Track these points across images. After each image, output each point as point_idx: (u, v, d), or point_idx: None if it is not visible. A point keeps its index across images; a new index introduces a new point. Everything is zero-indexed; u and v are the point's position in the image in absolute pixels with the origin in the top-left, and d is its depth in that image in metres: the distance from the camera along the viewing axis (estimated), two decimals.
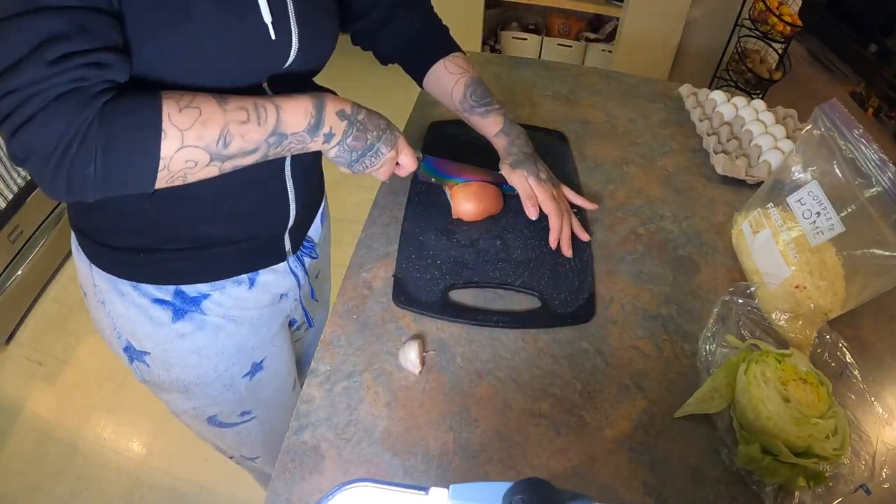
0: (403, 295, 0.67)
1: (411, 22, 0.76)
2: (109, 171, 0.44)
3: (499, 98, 0.78)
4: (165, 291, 0.62)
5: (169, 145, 0.45)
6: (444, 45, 0.79)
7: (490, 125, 0.78)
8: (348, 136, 0.58)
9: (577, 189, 0.84)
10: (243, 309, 0.69)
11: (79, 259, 0.65)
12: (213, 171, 0.50)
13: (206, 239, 0.61)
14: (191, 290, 0.64)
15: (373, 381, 0.60)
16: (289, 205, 0.65)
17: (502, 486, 0.35)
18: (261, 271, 0.68)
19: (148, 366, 0.67)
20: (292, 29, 0.53)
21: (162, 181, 0.47)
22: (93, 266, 0.63)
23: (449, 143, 0.91)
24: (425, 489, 0.37)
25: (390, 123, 0.62)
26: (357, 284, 0.69)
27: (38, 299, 1.69)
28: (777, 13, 2.04)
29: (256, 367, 0.74)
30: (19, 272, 1.57)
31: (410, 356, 0.60)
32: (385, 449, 0.54)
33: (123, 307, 0.63)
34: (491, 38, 2.63)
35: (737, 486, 0.53)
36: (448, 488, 0.36)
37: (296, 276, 0.74)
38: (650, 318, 0.68)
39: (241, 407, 0.76)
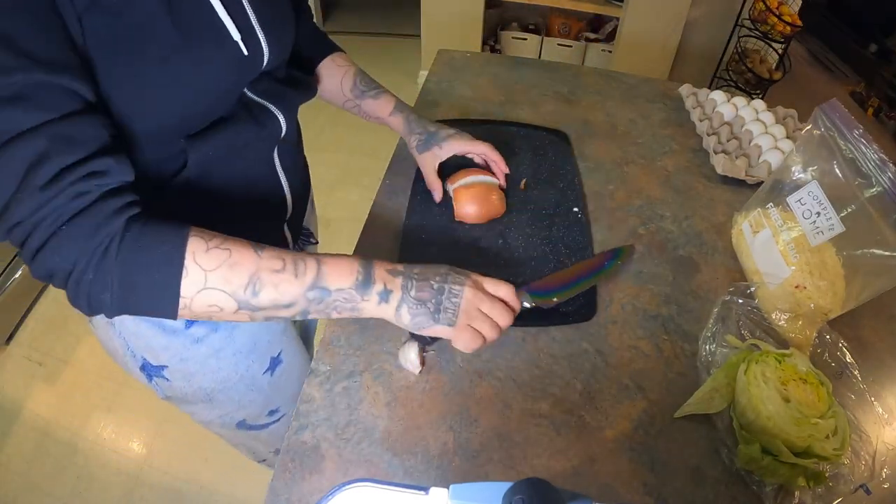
0: None
1: (304, 24, 0.75)
2: (127, 302, 0.44)
3: (499, 98, 0.78)
4: None
5: (190, 284, 0.44)
6: (327, 43, 0.80)
7: (383, 105, 0.79)
8: (410, 290, 0.52)
9: (578, 189, 0.84)
10: None
11: None
12: (243, 318, 0.47)
13: None
14: None
15: (373, 381, 0.60)
16: (285, 197, 0.66)
17: (502, 486, 0.35)
18: None
19: (168, 380, 0.66)
20: (260, 37, 0.53)
21: (184, 317, 0.46)
22: None
23: None
24: (425, 489, 0.37)
25: (451, 267, 0.56)
26: None
27: (38, 299, 1.68)
28: (777, 13, 2.04)
29: (275, 362, 0.73)
30: (19, 272, 1.57)
31: (410, 356, 0.59)
32: (385, 449, 0.54)
33: (135, 323, 0.61)
34: (491, 38, 2.63)
35: (737, 486, 0.53)
36: (448, 488, 0.36)
37: None
38: (650, 318, 0.68)
39: (267, 406, 0.75)
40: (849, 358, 0.62)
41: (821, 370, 0.56)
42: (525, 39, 2.54)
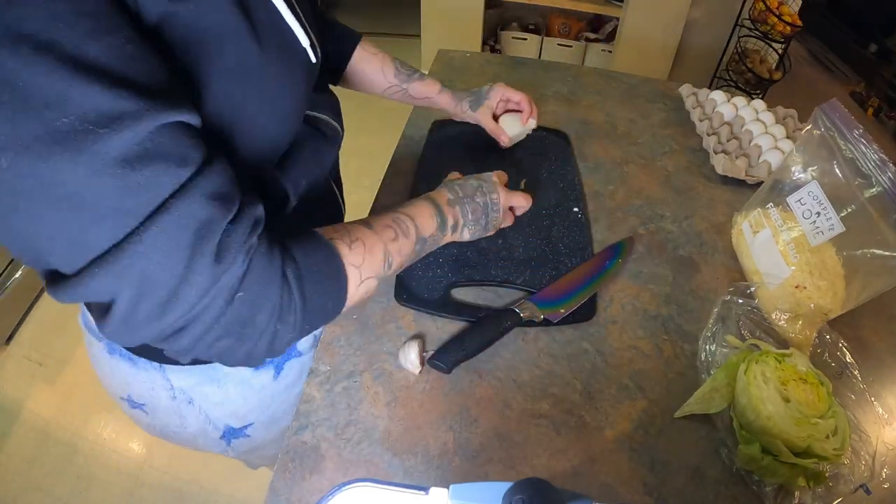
0: (406, 292, 0.67)
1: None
2: (305, 332, 0.43)
3: None
4: None
5: (352, 284, 0.45)
6: (348, 31, 0.75)
7: (430, 85, 0.81)
8: (468, 214, 0.59)
9: (578, 189, 0.84)
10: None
11: (136, 369, 0.57)
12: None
13: None
14: None
15: (373, 381, 0.60)
16: (341, 206, 0.68)
17: (502, 486, 0.35)
18: None
19: (249, 436, 0.64)
20: (315, 41, 0.47)
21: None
22: (167, 368, 0.57)
23: (451, 143, 0.91)
24: (425, 489, 0.37)
25: (479, 177, 0.62)
26: None
27: (38, 299, 1.69)
28: (777, 13, 2.04)
29: None
30: (19, 272, 1.57)
31: (410, 356, 0.59)
32: (385, 449, 0.54)
33: (221, 391, 0.59)
34: (491, 38, 2.64)
35: (737, 486, 0.53)
36: (448, 488, 0.37)
37: None
38: (650, 318, 0.68)
39: None
40: (849, 358, 0.62)
41: (821, 370, 0.56)
42: (525, 39, 2.54)
